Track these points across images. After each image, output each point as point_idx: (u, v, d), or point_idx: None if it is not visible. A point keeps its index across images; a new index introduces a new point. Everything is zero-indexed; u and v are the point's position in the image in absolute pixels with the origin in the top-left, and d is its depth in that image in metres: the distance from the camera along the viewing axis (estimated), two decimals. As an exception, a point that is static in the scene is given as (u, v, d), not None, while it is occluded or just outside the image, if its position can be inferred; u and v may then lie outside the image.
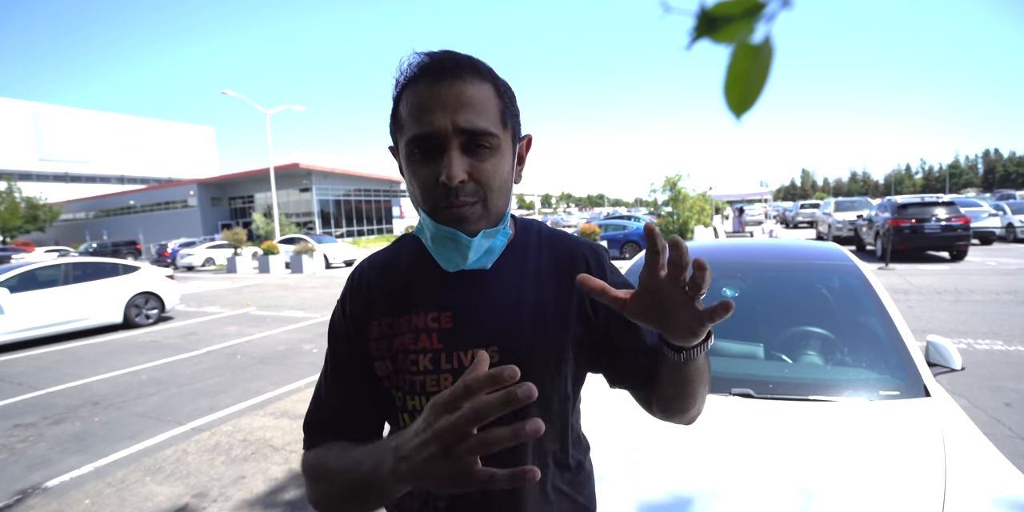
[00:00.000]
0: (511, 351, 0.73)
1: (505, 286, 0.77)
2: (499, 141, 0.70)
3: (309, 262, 17.48)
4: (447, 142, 0.67)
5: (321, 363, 0.87)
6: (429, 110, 0.67)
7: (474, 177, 0.69)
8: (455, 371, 0.74)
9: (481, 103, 0.68)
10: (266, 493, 2.96)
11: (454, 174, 0.67)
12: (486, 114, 0.69)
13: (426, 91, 0.68)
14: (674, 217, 14.51)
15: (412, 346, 0.75)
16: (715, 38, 0.27)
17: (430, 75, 0.68)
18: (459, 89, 0.67)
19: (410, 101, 0.69)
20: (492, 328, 0.74)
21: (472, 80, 0.69)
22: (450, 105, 0.67)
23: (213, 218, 40.40)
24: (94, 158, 56.93)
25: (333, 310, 0.86)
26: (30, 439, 3.94)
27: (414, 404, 0.76)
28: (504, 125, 0.72)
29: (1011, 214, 15.34)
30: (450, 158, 0.67)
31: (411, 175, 0.72)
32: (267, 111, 23.09)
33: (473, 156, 0.69)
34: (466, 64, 0.69)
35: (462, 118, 0.67)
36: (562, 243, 0.83)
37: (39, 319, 7.46)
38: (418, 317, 0.76)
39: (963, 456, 1.32)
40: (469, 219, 0.71)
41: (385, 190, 43.57)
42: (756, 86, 0.27)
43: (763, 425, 1.55)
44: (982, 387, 3.94)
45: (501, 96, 0.72)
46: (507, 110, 0.73)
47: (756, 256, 2.73)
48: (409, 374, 0.75)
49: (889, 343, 1.88)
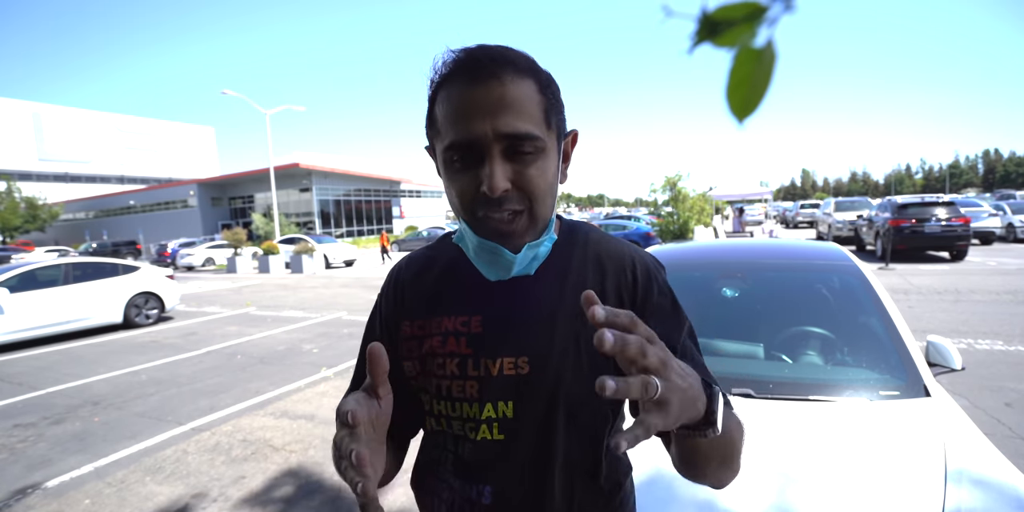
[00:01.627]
0: (543, 364, 0.70)
1: (543, 294, 0.72)
2: (543, 143, 0.65)
3: (309, 262, 17.47)
4: (488, 149, 0.63)
5: (321, 363, 0.87)
6: (467, 115, 0.62)
7: (518, 185, 0.64)
8: (481, 378, 0.71)
9: (522, 104, 0.63)
10: (266, 493, 2.96)
11: (496, 184, 0.62)
12: (528, 115, 0.63)
13: (463, 93, 0.63)
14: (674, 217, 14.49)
15: (440, 349, 0.73)
16: (717, 42, 0.27)
17: (466, 75, 0.63)
18: (498, 90, 0.62)
19: (446, 104, 0.64)
20: (525, 338, 0.71)
21: (512, 78, 0.63)
22: (489, 108, 0.62)
23: (213, 218, 40.37)
24: (94, 158, 56.87)
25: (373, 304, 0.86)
26: (30, 439, 3.94)
27: (440, 409, 0.74)
28: (548, 124, 0.66)
29: (1011, 214, 15.33)
30: (492, 166, 0.63)
31: (449, 183, 0.67)
32: (267, 111, 23.07)
33: (516, 162, 0.64)
34: (504, 60, 0.63)
35: (502, 122, 0.62)
36: (610, 250, 0.77)
37: (39, 319, 7.45)
38: (449, 320, 0.74)
39: (963, 456, 1.32)
40: (514, 233, 0.67)
41: (385, 190, 43.53)
42: (759, 91, 0.27)
43: (763, 425, 1.55)
44: (982, 387, 3.94)
45: (544, 92, 0.66)
46: (551, 107, 0.67)
47: (756, 256, 2.73)
48: (436, 377, 0.73)
49: (889, 343, 1.88)
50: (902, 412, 1.57)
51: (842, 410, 1.61)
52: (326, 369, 5.47)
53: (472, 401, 0.71)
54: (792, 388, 1.73)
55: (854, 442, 1.43)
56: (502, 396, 0.71)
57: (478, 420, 0.71)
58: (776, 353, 2.01)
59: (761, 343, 2.04)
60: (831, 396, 1.67)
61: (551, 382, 0.70)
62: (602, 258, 0.75)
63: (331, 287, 13.02)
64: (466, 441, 0.73)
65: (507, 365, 0.71)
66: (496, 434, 0.71)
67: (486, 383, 0.71)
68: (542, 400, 0.70)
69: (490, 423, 0.71)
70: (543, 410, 0.70)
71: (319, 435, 3.75)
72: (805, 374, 1.90)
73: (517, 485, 0.71)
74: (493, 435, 0.71)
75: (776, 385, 1.75)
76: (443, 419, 0.74)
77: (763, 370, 1.94)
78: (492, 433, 0.71)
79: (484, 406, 0.71)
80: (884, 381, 1.75)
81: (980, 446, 1.40)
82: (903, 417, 1.54)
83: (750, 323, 2.22)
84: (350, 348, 6.40)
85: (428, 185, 47.89)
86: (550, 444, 0.71)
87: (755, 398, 1.69)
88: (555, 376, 0.70)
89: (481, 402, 0.71)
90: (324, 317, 8.69)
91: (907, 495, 1.20)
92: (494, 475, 0.72)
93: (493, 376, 0.71)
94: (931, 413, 1.54)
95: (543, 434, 0.71)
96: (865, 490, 1.23)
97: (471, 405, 0.71)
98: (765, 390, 1.72)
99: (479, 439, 0.72)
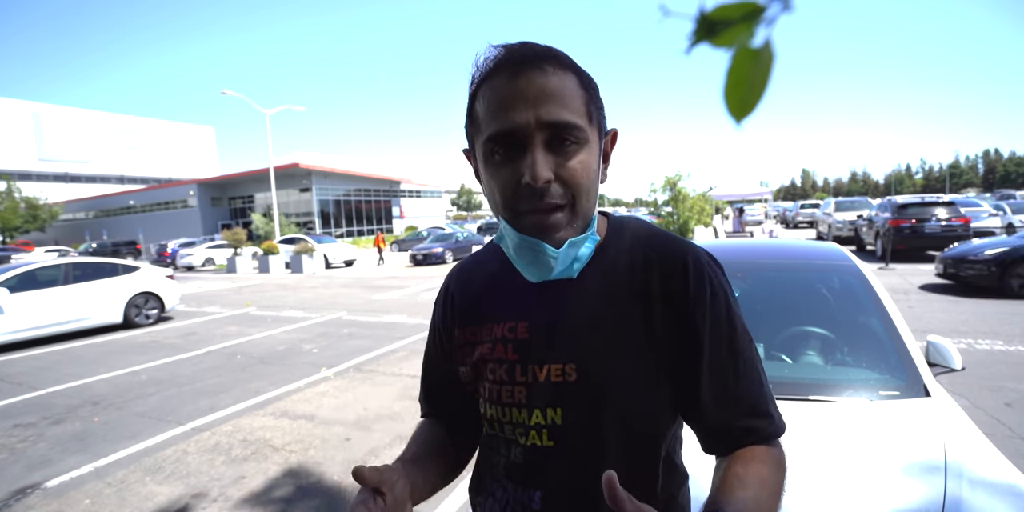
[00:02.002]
0: (590, 371, 0.68)
1: (589, 298, 0.70)
2: (586, 135, 0.64)
3: (309, 262, 17.48)
4: (530, 138, 0.62)
5: (321, 363, 0.89)
6: (509, 105, 0.62)
7: (561, 176, 0.63)
8: (528, 384, 0.71)
9: (565, 94, 0.63)
10: (266, 493, 2.96)
11: (539, 174, 0.61)
12: (571, 106, 0.63)
13: (505, 85, 0.63)
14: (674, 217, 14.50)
15: (489, 356, 0.74)
16: (715, 42, 0.27)
17: (509, 68, 0.63)
18: (541, 80, 0.62)
19: (488, 97, 0.64)
20: (571, 344, 0.69)
21: (555, 70, 0.63)
22: (532, 98, 0.61)
23: (213, 218, 40.39)
24: (94, 158, 56.91)
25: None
26: (30, 439, 3.94)
27: (492, 413, 0.75)
28: (590, 118, 0.66)
29: (1011, 214, 15.33)
30: (534, 156, 0.62)
31: (489, 177, 0.66)
32: (267, 111, 23.08)
33: (559, 153, 0.63)
34: (546, 54, 0.64)
35: (545, 111, 0.61)
36: (660, 248, 0.73)
37: (39, 319, 7.46)
38: (497, 327, 0.75)
39: (963, 456, 1.32)
40: (556, 227, 0.65)
41: (385, 190, 43.56)
42: (757, 91, 0.27)
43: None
44: (982, 387, 3.94)
45: (585, 87, 0.66)
46: (592, 102, 0.67)
47: (756, 256, 2.73)
48: (487, 383, 0.75)
49: (889, 343, 1.88)
50: (902, 412, 1.57)
51: (842, 410, 1.61)
52: (326, 369, 5.47)
53: (520, 407, 0.72)
54: (792, 388, 1.73)
55: (854, 442, 1.43)
56: (551, 403, 0.70)
57: (527, 426, 0.72)
58: (776, 353, 2.01)
59: (761, 343, 2.04)
60: (831, 396, 1.67)
61: (599, 390, 0.68)
62: (651, 259, 0.71)
63: (331, 287, 13.03)
64: (517, 446, 0.73)
65: (554, 372, 0.70)
66: (546, 440, 0.71)
67: (533, 389, 0.71)
68: (590, 408, 0.69)
69: (539, 429, 0.71)
70: (592, 418, 0.69)
71: (319, 435, 3.76)
72: (805, 374, 1.90)
73: (566, 492, 0.71)
74: (543, 441, 0.71)
75: (776, 385, 1.73)
76: (496, 423, 0.75)
77: (763, 370, 1.94)
78: (542, 439, 0.71)
79: (532, 412, 0.71)
80: (884, 381, 1.75)
81: (980, 446, 1.39)
82: (903, 417, 1.54)
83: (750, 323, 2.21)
84: (350, 348, 6.41)
85: (428, 185, 47.95)
86: (600, 452, 0.69)
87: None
88: (603, 384, 0.68)
89: (529, 408, 0.71)
90: (324, 317, 8.70)
91: (907, 495, 1.20)
92: (544, 481, 0.72)
93: (540, 382, 0.70)
94: (931, 413, 1.54)
95: (593, 442, 0.69)
96: (865, 490, 1.23)
97: (520, 410, 0.72)
98: (765, 390, 1.72)
99: (529, 444, 0.72)
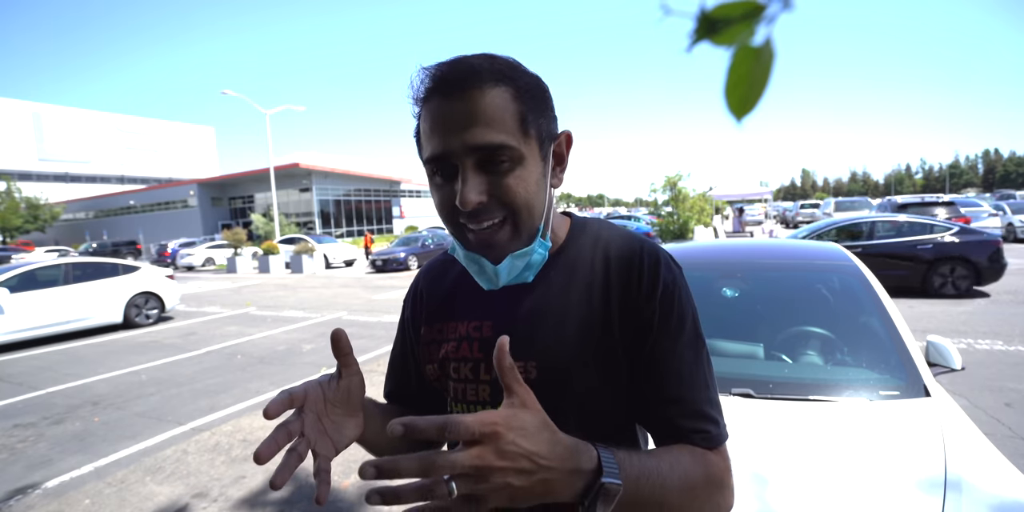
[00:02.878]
0: (550, 367, 0.69)
1: (551, 297, 0.72)
2: (518, 152, 0.64)
3: (309, 262, 17.48)
4: (461, 162, 0.64)
5: (321, 363, 0.89)
6: (440, 130, 0.64)
7: (495, 195, 0.64)
8: (492, 382, 0.72)
9: (493, 115, 0.63)
10: (266, 493, 2.96)
11: (468, 198, 0.63)
12: (500, 125, 0.63)
13: (435, 109, 0.64)
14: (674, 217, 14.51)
15: (454, 354, 0.75)
16: (715, 41, 0.27)
17: (438, 91, 0.64)
18: (467, 104, 0.62)
19: (425, 120, 0.66)
20: (532, 342, 0.70)
21: (483, 89, 0.63)
22: (459, 122, 0.62)
23: (213, 218, 40.39)
24: (94, 158, 56.92)
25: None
26: (30, 439, 3.94)
27: (458, 411, 0.75)
28: (525, 132, 0.65)
29: (1011, 214, 15.33)
30: (464, 179, 0.63)
31: (433, 194, 0.70)
32: (267, 111, 23.08)
33: (492, 173, 0.64)
34: (474, 72, 0.63)
35: (470, 135, 0.62)
36: (617, 247, 0.74)
37: (39, 319, 7.46)
38: (462, 325, 0.76)
39: (963, 456, 1.32)
40: (496, 244, 0.67)
41: (385, 190, 43.55)
42: (757, 89, 0.27)
43: (763, 425, 1.55)
44: (982, 387, 3.94)
45: (521, 98, 0.65)
46: (529, 113, 0.66)
47: (756, 256, 2.73)
48: (452, 381, 0.75)
49: (889, 343, 1.88)
50: (902, 412, 1.56)
51: (842, 410, 1.61)
52: (326, 369, 5.45)
53: (485, 404, 0.73)
54: (792, 388, 1.73)
55: (854, 442, 1.43)
56: None
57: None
58: (776, 353, 2.01)
59: (761, 343, 2.04)
60: (831, 396, 1.67)
61: (559, 386, 0.69)
62: (609, 257, 0.73)
63: (331, 287, 13.02)
64: None
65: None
66: None
67: (497, 387, 0.71)
68: (551, 404, 0.68)
69: None
70: (552, 415, 0.69)
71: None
72: (805, 374, 1.90)
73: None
74: None
75: (776, 385, 1.75)
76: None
77: (763, 370, 1.94)
78: None
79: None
80: (884, 381, 1.75)
81: (980, 446, 1.39)
82: (903, 417, 1.54)
83: (750, 323, 2.23)
84: (350, 348, 6.40)
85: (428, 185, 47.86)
86: None
87: (755, 398, 1.69)
88: (563, 381, 0.69)
89: (494, 406, 0.70)
90: (324, 317, 8.70)
91: (907, 495, 1.20)
92: None
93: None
94: (931, 413, 1.54)
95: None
96: (865, 490, 1.23)
97: (483, 408, 0.72)
98: (765, 390, 1.72)
99: None
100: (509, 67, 0.66)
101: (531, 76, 0.68)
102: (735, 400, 1.69)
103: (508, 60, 0.68)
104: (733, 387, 1.73)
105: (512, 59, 0.69)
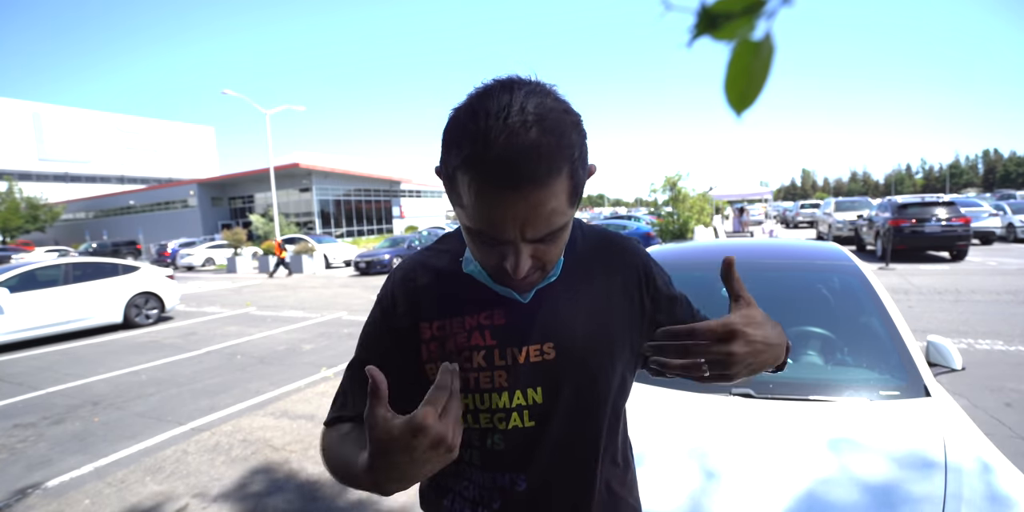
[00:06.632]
0: (569, 347, 0.74)
1: (564, 283, 0.76)
2: (567, 221, 0.65)
3: (309, 262, 17.49)
4: (515, 244, 0.63)
5: (321, 363, 0.88)
6: (496, 219, 0.60)
7: (538, 257, 0.66)
8: (508, 367, 0.73)
9: (553, 206, 0.60)
10: (266, 493, 2.96)
11: (522, 270, 0.64)
12: (558, 212, 0.61)
13: (491, 195, 0.58)
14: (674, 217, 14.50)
15: (465, 344, 0.75)
16: (716, 35, 0.27)
17: (496, 177, 0.57)
18: (529, 200, 0.58)
19: (472, 193, 0.59)
20: (549, 324, 0.74)
21: (544, 181, 0.57)
22: (519, 216, 0.59)
23: (213, 218, 40.40)
24: (94, 158, 56.90)
25: (370, 313, 0.84)
26: (30, 439, 3.94)
27: (467, 402, 0.75)
28: (572, 203, 0.63)
29: (1011, 214, 15.34)
30: (518, 259, 0.64)
31: (470, 241, 0.68)
32: (267, 111, 23.08)
33: (539, 242, 0.65)
34: (539, 159, 0.56)
35: (532, 230, 0.61)
36: (607, 241, 0.84)
37: (39, 319, 7.46)
38: (471, 318, 0.76)
39: (963, 456, 1.32)
40: (530, 287, 0.71)
41: (385, 190, 43.56)
42: (757, 83, 0.27)
43: (763, 425, 1.54)
44: (982, 387, 3.94)
45: (574, 172, 0.61)
46: (578, 183, 0.62)
47: (756, 256, 2.72)
48: (464, 372, 0.74)
49: (889, 343, 1.87)
50: (902, 412, 1.56)
51: (842, 410, 1.61)
52: (326, 369, 5.47)
53: (501, 390, 0.74)
54: (792, 388, 1.73)
55: (854, 442, 1.43)
56: (531, 383, 0.74)
57: (508, 409, 0.74)
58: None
59: None
60: (831, 396, 1.67)
61: (577, 366, 0.74)
62: (600, 246, 0.83)
63: (331, 287, 13.03)
64: (496, 433, 0.75)
65: (533, 352, 0.74)
66: (527, 421, 0.74)
67: (514, 371, 0.74)
68: (569, 384, 0.75)
69: (520, 411, 0.74)
70: (571, 394, 0.75)
71: (319, 435, 3.75)
72: (805, 374, 1.90)
73: (552, 468, 0.75)
74: (524, 422, 0.74)
75: (776, 385, 1.75)
76: (469, 415, 0.76)
77: (763, 370, 1.93)
78: (523, 421, 0.74)
79: (514, 394, 0.74)
80: (884, 381, 1.75)
81: (980, 446, 1.39)
82: (903, 417, 1.54)
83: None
84: (350, 348, 6.40)
85: (428, 185, 47.89)
86: (581, 426, 0.76)
87: (755, 398, 1.69)
88: (581, 360, 0.74)
89: (511, 390, 0.74)
90: (324, 317, 8.70)
91: (907, 495, 1.20)
92: (528, 461, 0.75)
93: (520, 363, 0.74)
94: (931, 413, 1.54)
95: (573, 417, 0.76)
96: (865, 490, 1.23)
97: (500, 394, 0.74)
98: (765, 390, 1.72)
99: (510, 428, 0.75)
100: (566, 134, 0.59)
101: (580, 130, 0.62)
102: (735, 400, 1.69)
103: (561, 117, 0.59)
104: (733, 387, 1.73)
105: (562, 105, 0.61)
